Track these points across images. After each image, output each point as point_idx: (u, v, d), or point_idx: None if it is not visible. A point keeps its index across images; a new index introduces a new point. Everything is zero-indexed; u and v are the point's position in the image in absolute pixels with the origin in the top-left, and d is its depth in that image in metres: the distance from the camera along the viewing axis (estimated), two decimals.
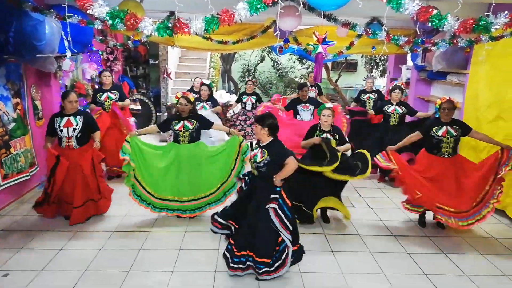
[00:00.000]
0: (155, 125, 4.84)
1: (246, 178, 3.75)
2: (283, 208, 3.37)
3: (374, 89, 7.78)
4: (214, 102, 6.67)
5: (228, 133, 4.81)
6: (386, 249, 4.21)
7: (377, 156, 4.60)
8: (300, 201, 4.50)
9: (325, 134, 4.57)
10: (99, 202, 4.67)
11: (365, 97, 7.62)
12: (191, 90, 7.56)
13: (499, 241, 4.48)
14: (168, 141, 6.25)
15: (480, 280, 3.64)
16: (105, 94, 5.96)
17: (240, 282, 3.51)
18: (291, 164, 3.35)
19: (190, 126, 4.54)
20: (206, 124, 4.71)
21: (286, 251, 3.39)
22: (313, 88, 7.81)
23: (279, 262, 3.40)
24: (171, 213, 4.68)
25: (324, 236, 4.45)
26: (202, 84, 6.91)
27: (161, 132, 5.38)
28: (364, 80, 7.98)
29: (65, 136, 4.42)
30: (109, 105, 5.94)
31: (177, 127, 4.54)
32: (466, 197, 4.37)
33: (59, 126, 4.39)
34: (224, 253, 3.59)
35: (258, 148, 3.52)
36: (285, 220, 3.35)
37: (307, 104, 6.45)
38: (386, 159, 4.56)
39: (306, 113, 6.42)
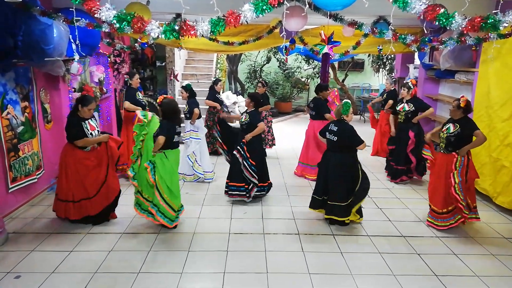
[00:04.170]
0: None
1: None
2: (244, 156, 5.17)
3: (392, 88, 7.82)
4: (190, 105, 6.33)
5: None
6: (395, 250, 4.18)
7: (424, 152, 4.91)
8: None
9: None
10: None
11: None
12: (212, 91, 7.61)
13: (510, 241, 4.43)
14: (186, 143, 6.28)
15: (491, 280, 3.60)
16: (139, 94, 6.28)
17: (249, 283, 3.51)
18: (260, 126, 5.19)
19: None
20: None
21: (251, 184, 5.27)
22: None
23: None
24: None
25: (333, 237, 4.43)
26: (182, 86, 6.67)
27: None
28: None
29: None
30: (146, 102, 6.35)
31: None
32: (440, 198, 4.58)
33: (88, 130, 4.40)
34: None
35: (244, 113, 5.39)
36: (245, 164, 5.16)
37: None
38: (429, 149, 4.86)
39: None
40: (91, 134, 4.41)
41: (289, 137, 9.78)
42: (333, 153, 4.59)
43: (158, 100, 4.43)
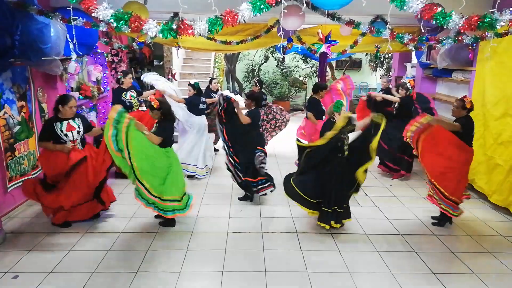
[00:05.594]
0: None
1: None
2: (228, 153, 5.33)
3: (389, 86, 7.81)
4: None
5: None
6: (393, 248, 4.19)
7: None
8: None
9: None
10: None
11: None
12: (207, 90, 7.61)
13: (507, 239, 4.45)
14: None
15: (488, 278, 3.62)
16: (129, 93, 6.27)
17: (247, 282, 3.52)
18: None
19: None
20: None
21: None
22: None
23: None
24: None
25: (331, 236, 4.44)
26: (189, 84, 6.71)
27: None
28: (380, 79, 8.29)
29: (70, 140, 4.35)
30: (136, 103, 6.31)
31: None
32: None
33: (62, 131, 4.31)
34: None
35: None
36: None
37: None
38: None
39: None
40: (65, 135, 4.32)
41: (287, 136, 9.77)
42: None
43: (155, 105, 4.31)
